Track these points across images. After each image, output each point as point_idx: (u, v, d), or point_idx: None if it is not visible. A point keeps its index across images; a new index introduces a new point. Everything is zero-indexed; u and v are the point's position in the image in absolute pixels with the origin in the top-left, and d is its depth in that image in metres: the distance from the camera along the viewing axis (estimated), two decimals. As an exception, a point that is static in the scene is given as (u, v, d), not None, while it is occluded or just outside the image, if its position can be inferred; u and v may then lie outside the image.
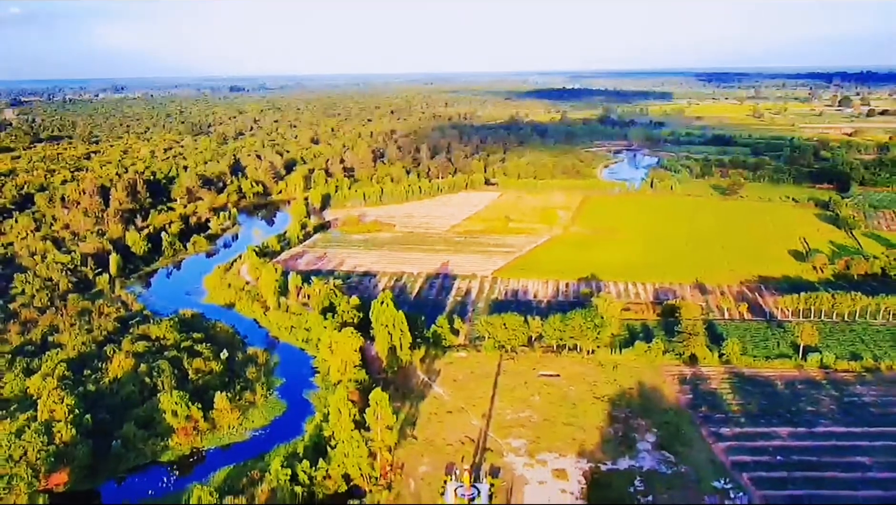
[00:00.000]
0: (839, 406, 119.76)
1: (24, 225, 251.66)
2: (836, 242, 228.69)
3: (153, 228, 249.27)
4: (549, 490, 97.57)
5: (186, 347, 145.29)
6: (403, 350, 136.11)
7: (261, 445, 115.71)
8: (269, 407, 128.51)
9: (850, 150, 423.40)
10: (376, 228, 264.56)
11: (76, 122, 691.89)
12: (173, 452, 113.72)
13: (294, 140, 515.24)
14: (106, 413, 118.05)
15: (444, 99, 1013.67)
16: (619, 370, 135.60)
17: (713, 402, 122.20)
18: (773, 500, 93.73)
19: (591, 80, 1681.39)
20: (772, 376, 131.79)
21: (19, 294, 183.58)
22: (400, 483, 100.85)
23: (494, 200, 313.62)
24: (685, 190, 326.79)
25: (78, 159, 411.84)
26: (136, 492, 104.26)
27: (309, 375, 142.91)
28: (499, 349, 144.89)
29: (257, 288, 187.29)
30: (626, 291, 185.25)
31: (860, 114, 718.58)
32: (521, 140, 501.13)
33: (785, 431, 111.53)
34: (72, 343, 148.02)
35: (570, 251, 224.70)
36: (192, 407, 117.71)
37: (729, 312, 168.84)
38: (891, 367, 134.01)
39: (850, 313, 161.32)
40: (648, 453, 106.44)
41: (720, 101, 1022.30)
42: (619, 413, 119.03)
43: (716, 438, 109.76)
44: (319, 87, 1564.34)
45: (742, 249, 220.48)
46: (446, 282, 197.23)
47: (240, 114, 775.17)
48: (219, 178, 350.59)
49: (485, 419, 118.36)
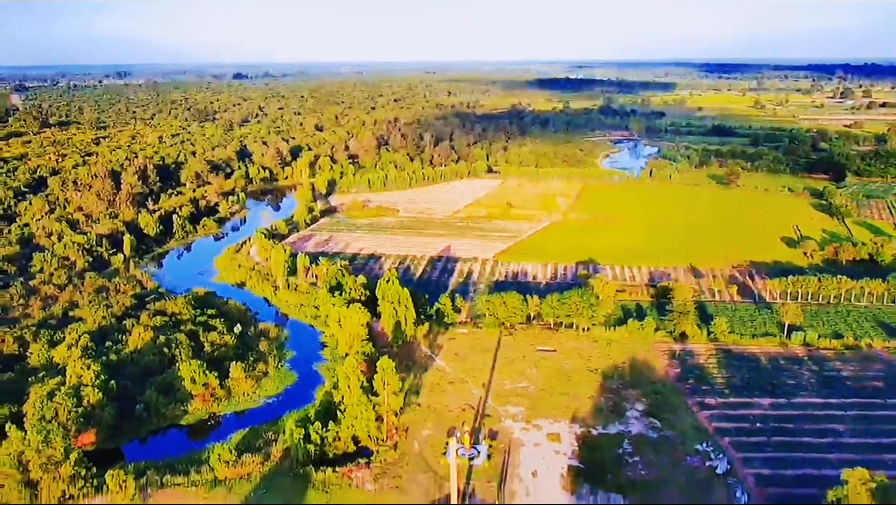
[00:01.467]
0: (818, 380, 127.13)
1: (38, 207, 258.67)
2: (828, 230, 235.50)
3: (164, 211, 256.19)
4: (544, 451, 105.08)
5: (201, 321, 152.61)
6: (408, 325, 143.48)
7: (274, 412, 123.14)
8: (281, 377, 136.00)
9: (847, 142, 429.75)
10: (380, 214, 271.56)
11: (83, 107, 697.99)
12: (192, 417, 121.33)
13: (299, 127, 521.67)
14: (128, 380, 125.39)
15: (447, 88, 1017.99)
16: (612, 346, 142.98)
17: (700, 375, 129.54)
18: (752, 461, 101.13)
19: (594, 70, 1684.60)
20: (757, 353, 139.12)
21: (38, 272, 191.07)
22: (405, 444, 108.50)
23: (496, 188, 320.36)
24: (683, 179, 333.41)
25: (87, 144, 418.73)
26: (157, 451, 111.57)
27: (318, 350, 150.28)
28: (499, 326, 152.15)
29: (267, 268, 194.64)
30: (622, 274, 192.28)
31: (861, 106, 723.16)
32: (522, 129, 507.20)
33: (766, 402, 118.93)
34: (92, 317, 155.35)
35: (568, 236, 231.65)
36: (210, 375, 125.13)
37: (720, 294, 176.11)
38: (870, 345, 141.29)
39: (836, 296, 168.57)
40: (637, 420, 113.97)
41: (722, 92, 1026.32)
42: (611, 384, 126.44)
43: (700, 407, 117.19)
44: (322, 75, 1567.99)
45: (736, 236, 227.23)
46: (449, 264, 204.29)
47: (244, 101, 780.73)
48: (226, 163, 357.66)
49: (484, 389, 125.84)
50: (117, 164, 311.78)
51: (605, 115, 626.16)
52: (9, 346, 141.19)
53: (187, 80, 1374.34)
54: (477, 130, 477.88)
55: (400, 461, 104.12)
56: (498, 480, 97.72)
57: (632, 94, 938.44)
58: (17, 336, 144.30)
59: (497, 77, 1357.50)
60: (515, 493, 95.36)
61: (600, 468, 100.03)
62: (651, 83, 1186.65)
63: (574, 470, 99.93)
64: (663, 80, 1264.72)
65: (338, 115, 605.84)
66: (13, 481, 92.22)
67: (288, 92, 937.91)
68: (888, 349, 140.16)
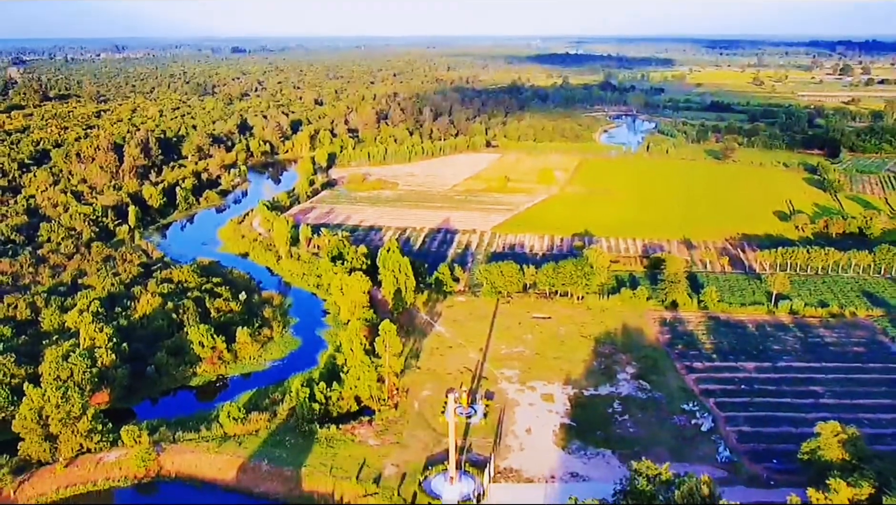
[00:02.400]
0: (802, 345, 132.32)
1: (42, 179, 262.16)
2: (820, 204, 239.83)
3: (167, 184, 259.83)
4: (538, 410, 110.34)
5: (207, 289, 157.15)
6: (408, 293, 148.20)
7: (279, 374, 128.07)
8: (286, 342, 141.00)
9: (843, 118, 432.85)
10: (380, 186, 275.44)
11: (82, 81, 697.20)
12: (200, 378, 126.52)
13: (298, 101, 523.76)
14: (139, 344, 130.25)
15: (447, 62, 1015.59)
16: (605, 314, 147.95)
17: (689, 341, 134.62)
18: (735, 420, 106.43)
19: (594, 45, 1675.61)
20: (744, 320, 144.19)
21: (46, 241, 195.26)
22: (405, 404, 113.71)
23: (494, 162, 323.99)
24: (680, 154, 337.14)
25: (88, 117, 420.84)
26: (168, 411, 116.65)
27: (320, 317, 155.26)
28: (496, 294, 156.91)
29: (270, 239, 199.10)
30: (616, 246, 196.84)
31: (859, 82, 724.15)
32: (521, 104, 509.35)
33: (751, 366, 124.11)
34: (101, 284, 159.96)
35: (565, 209, 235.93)
36: (217, 339, 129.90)
37: (711, 265, 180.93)
38: (854, 313, 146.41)
39: (824, 267, 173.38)
40: (627, 382, 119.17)
41: (722, 68, 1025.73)
42: (603, 349, 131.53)
43: (688, 371, 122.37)
44: (321, 49, 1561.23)
45: (729, 210, 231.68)
46: (448, 236, 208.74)
47: (243, 75, 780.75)
48: (227, 136, 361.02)
49: (481, 353, 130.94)
50: (119, 137, 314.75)
51: (605, 91, 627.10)
52: (21, 311, 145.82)
53: (185, 54, 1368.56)
54: (476, 105, 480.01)
55: (401, 419, 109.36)
56: (494, 437, 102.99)
57: (631, 70, 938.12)
58: (29, 302, 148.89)
59: (497, 52, 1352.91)
60: (510, 447, 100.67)
61: (591, 426, 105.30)
62: (651, 59, 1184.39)
63: (566, 427, 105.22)
64: (664, 56, 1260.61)
65: (337, 89, 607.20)
66: (34, 435, 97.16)
67: (286, 66, 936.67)
68: (871, 317, 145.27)
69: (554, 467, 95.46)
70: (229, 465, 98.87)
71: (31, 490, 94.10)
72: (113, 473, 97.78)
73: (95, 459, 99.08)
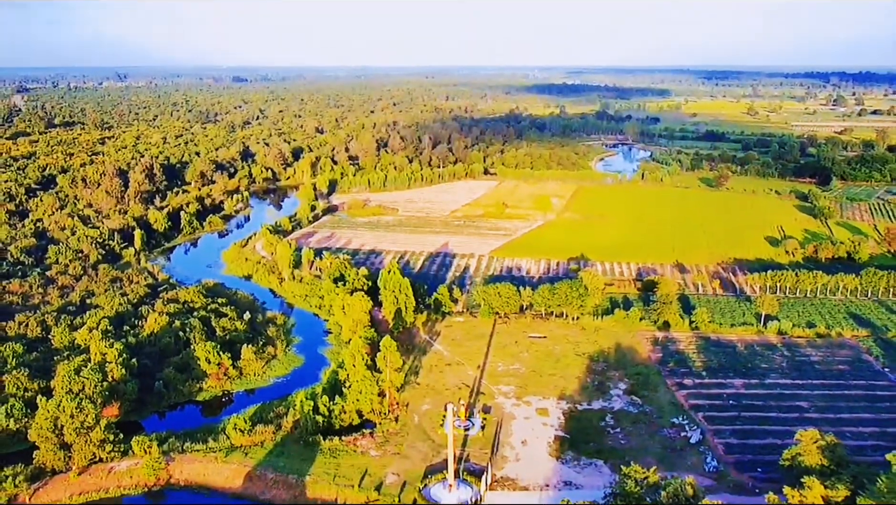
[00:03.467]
0: (789, 363, 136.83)
1: (49, 203, 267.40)
2: (811, 230, 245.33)
3: (171, 208, 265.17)
4: (533, 423, 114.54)
5: (213, 309, 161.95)
6: (408, 312, 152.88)
7: (283, 390, 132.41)
8: (289, 360, 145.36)
9: (835, 147, 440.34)
10: (380, 212, 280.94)
11: (85, 109, 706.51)
12: (206, 393, 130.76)
13: (300, 129, 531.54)
14: (147, 360, 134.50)
15: (445, 92, 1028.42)
16: (599, 333, 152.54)
17: (680, 359, 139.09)
18: (722, 433, 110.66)
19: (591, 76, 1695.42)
20: (734, 340, 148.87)
21: (54, 263, 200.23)
22: (405, 417, 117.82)
23: (492, 188, 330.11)
24: (674, 182, 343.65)
25: (93, 144, 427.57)
26: (175, 424, 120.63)
27: (322, 336, 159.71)
28: (493, 315, 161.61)
29: (273, 261, 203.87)
30: (611, 270, 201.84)
31: (852, 113, 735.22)
32: (519, 133, 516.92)
33: (739, 382, 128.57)
34: (109, 304, 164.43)
35: (561, 234, 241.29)
36: (223, 356, 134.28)
37: (703, 288, 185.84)
38: (840, 333, 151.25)
39: (812, 290, 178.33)
40: (619, 397, 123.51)
41: (718, 98, 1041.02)
42: (597, 367, 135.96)
43: (678, 387, 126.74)
44: (321, 79, 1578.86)
45: (722, 235, 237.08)
46: (446, 260, 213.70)
47: (245, 103, 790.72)
48: (230, 163, 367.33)
49: (479, 370, 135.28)
50: (124, 163, 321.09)
51: (601, 120, 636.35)
52: (32, 329, 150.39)
53: (186, 83, 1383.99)
54: (474, 133, 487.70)
55: (401, 431, 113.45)
56: (490, 448, 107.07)
57: (628, 100, 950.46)
58: (40, 320, 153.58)
59: (495, 82, 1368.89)
60: (506, 458, 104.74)
61: (584, 438, 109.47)
62: (648, 89, 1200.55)
63: (560, 439, 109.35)
64: (660, 87, 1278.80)
65: (337, 118, 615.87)
66: (49, 444, 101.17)
67: (287, 95, 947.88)
68: (856, 337, 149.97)
69: (548, 476, 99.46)
70: (236, 473, 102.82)
71: (45, 497, 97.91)
72: (124, 481, 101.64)
73: (107, 468, 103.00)
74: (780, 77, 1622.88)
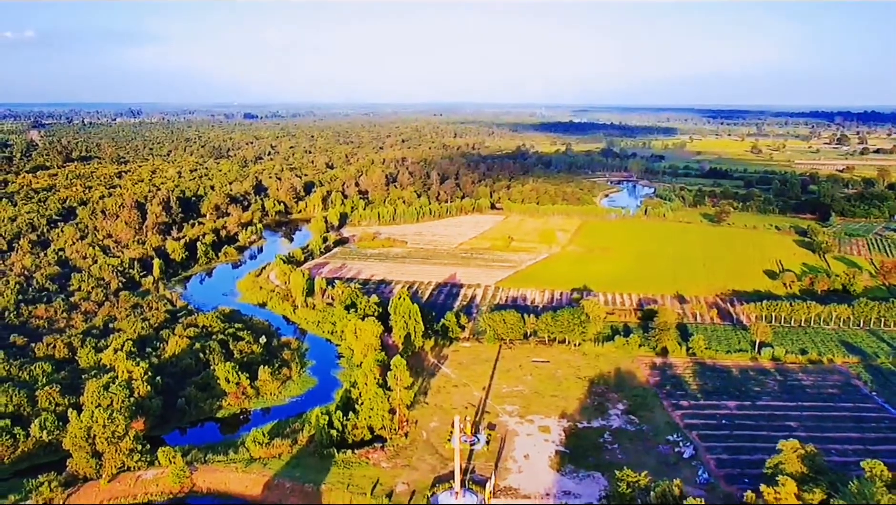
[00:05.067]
0: (781, 387, 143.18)
1: (69, 234, 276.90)
2: (809, 264, 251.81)
3: (188, 239, 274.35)
4: (535, 440, 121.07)
5: (230, 333, 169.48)
6: (417, 337, 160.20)
7: (297, 408, 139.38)
8: (303, 381, 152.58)
9: (836, 185, 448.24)
10: (390, 244, 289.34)
11: (100, 143, 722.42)
12: (226, 411, 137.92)
13: (310, 165, 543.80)
14: (169, 379, 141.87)
15: (453, 129, 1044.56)
16: (600, 358, 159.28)
17: (676, 382, 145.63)
18: (714, 449, 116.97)
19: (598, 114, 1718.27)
20: (729, 365, 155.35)
21: (77, 290, 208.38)
22: (414, 433, 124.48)
23: (499, 222, 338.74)
24: (676, 217, 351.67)
25: (110, 178, 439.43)
26: (196, 440, 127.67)
27: (335, 360, 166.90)
28: (498, 341, 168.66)
29: (286, 290, 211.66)
30: (613, 300, 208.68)
31: (855, 151, 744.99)
32: (526, 169, 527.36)
33: (732, 404, 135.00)
34: (131, 328, 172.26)
35: (566, 266, 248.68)
36: (242, 376, 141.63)
37: (701, 318, 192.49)
38: (831, 360, 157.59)
39: (806, 319, 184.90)
40: (618, 417, 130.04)
41: (722, 137, 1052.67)
42: (597, 389, 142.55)
43: (674, 408, 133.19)
44: (330, 116, 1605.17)
45: (721, 268, 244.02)
46: (454, 289, 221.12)
47: (256, 139, 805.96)
48: (243, 196, 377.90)
49: (484, 391, 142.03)
50: (141, 196, 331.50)
51: (607, 157, 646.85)
52: (60, 350, 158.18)
53: (198, 120, 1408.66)
54: (482, 169, 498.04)
55: (410, 446, 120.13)
56: (495, 460, 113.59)
57: (634, 138, 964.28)
58: (66, 342, 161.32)
59: (502, 120, 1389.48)
60: (509, 470, 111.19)
61: (583, 453, 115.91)
62: (653, 128, 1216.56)
63: (560, 454, 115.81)
64: (665, 125, 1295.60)
65: (347, 153, 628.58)
66: (82, 452, 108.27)
67: (298, 131, 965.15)
68: (847, 364, 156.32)
69: (549, 486, 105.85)
70: (255, 482, 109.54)
71: (78, 501, 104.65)
72: (151, 488, 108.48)
73: (135, 477, 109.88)
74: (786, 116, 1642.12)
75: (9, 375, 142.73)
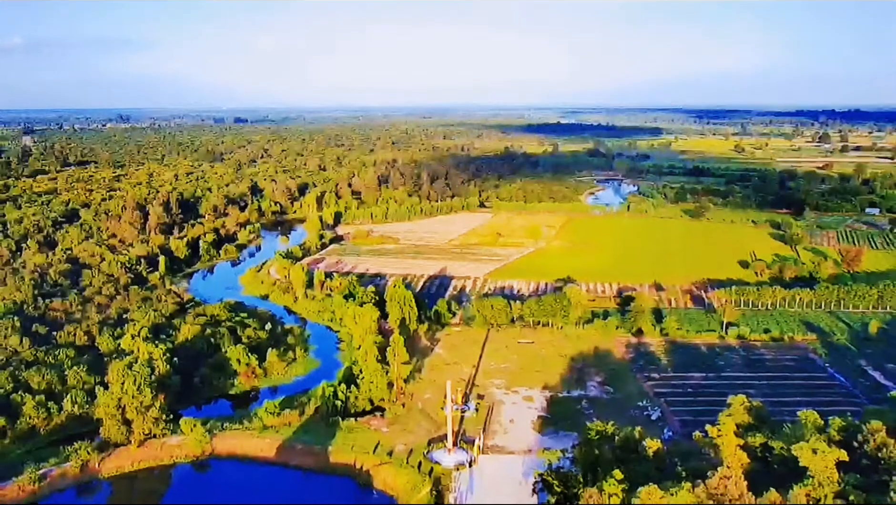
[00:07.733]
0: (744, 361, 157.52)
1: (75, 235, 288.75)
2: (780, 255, 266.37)
3: (190, 238, 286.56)
4: (520, 407, 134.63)
5: (237, 321, 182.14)
6: (411, 322, 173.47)
7: (303, 386, 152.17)
8: (307, 362, 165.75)
9: (813, 181, 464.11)
10: (383, 241, 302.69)
11: (94, 148, 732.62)
12: (237, 389, 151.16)
13: (303, 167, 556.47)
14: (183, 361, 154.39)
15: (443, 132, 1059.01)
16: (581, 339, 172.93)
17: (649, 358, 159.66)
18: (680, 412, 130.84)
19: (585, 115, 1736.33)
20: (698, 343, 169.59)
21: (88, 286, 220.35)
22: (411, 404, 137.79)
23: (488, 220, 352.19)
24: (658, 213, 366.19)
25: (109, 181, 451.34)
26: (210, 415, 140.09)
27: (335, 344, 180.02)
28: (487, 325, 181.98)
29: (286, 283, 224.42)
30: (594, 289, 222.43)
31: (835, 149, 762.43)
32: (514, 169, 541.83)
33: (699, 375, 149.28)
34: (144, 318, 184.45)
35: (551, 260, 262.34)
36: (251, 357, 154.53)
37: (676, 303, 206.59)
38: (792, 337, 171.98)
39: (773, 303, 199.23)
40: (595, 387, 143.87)
41: (707, 136, 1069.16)
42: (577, 365, 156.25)
43: (646, 379, 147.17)
44: (321, 120, 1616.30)
45: (698, 259, 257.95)
46: (445, 281, 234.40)
47: (248, 143, 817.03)
48: (241, 198, 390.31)
49: (474, 368, 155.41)
50: (141, 198, 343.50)
51: (593, 158, 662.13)
52: (80, 338, 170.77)
53: (189, 124, 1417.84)
54: (471, 170, 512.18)
55: (407, 414, 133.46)
56: (483, 423, 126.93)
57: (620, 139, 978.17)
58: (86, 330, 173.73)
59: (491, 122, 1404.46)
60: (496, 432, 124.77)
61: (562, 417, 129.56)
62: (640, 128, 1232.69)
63: (542, 418, 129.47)
64: (652, 126, 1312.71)
65: (339, 156, 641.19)
66: (113, 421, 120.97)
67: (289, 135, 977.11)
68: (806, 341, 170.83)
69: (531, 444, 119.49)
70: (269, 446, 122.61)
71: (111, 464, 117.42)
72: (175, 452, 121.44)
73: (161, 442, 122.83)
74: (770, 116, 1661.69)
75: (36, 359, 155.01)
